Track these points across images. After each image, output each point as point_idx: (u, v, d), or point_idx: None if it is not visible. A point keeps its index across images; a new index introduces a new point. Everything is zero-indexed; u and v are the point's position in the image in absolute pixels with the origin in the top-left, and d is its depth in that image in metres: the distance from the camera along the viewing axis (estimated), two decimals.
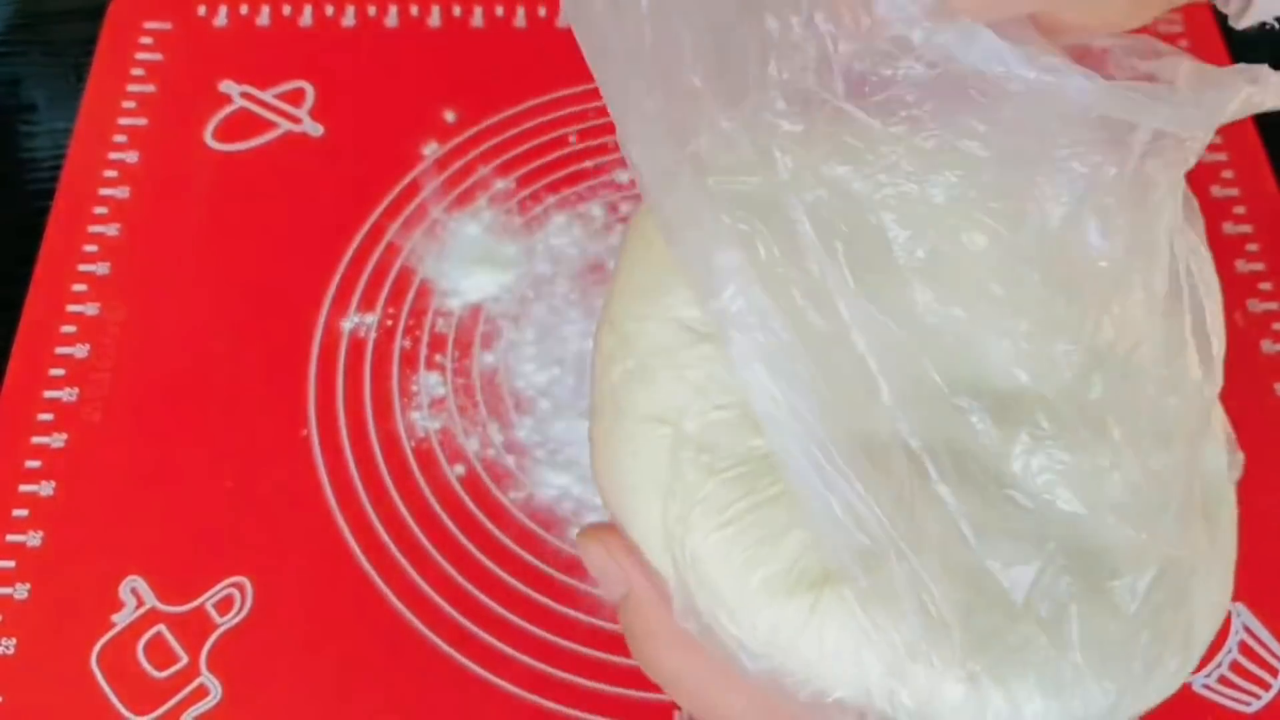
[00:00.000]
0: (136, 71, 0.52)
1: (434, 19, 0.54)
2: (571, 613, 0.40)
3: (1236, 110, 0.21)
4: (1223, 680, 0.39)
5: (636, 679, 0.39)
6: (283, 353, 0.45)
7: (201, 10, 0.54)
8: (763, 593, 0.22)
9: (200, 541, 0.41)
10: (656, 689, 0.38)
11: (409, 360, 0.45)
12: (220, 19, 0.54)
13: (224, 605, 0.39)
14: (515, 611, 0.40)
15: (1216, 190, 0.50)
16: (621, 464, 0.24)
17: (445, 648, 0.39)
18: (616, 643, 0.39)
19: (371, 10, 0.54)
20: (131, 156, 0.49)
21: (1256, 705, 0.39)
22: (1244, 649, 0.39)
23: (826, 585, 0.21)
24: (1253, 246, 0.48)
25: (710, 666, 0.25)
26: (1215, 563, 0.25)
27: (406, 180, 0.49)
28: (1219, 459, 0.27)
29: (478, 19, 0.54)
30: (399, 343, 0.45)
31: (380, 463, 0.42)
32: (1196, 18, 0.55)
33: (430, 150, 0.50)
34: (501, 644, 0.39)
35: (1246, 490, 0.43)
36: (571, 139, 0.51)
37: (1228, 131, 0.51)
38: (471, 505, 0.42)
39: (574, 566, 0.41)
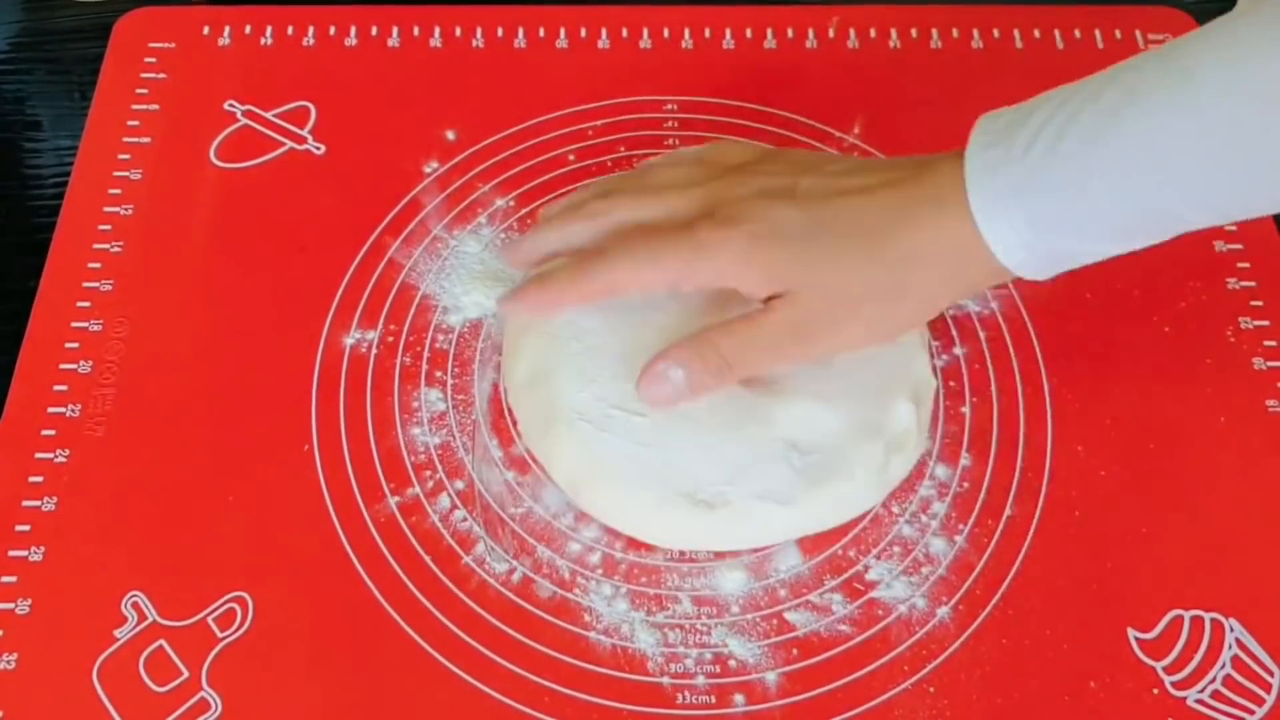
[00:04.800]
0: (141, 90, 0.52)
1: (435, 39, 0.55)
2: (570, 627, 0.40)
3: None
4: (1216, 695, 0.39)
5: (637, 694, 0.39)
6: (285, 368, 0.45)
7: (206, 30, 0.54)
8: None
9: (201, 556, 0.41)
10: (658, 704, 0.39)
11: (410, 376, 0.45)
12: (224, 39, 0.54)
13: (225, 620, 0.40)
14: (513, 625, 0.40)
15: None
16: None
17: (445, 662, 0.39)
18: (617, 657, 0.39)
19: (374, 30, 0.55)
20: (135, 174, 0.50)
21: None
22: (1237, 664, 0.40)
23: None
24: (1244, 264, 0.49)
25: None
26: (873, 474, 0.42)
27: (408, 198, 0.50)
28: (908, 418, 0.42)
29: (479, 39, 0.55)
30: (400, 359, 0.46)
31: (381, 478, 0.43)
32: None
33: (431, 168, 0.51)
34: (500, 658, 0.39)
35: (1239, 504, 0.43)
36: (570, 158, 0.51)
37: None
38: (471, 520, 0.42)
39: (573, 581, 0.41)
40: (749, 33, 0.55)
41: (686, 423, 0.40)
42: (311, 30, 0.55)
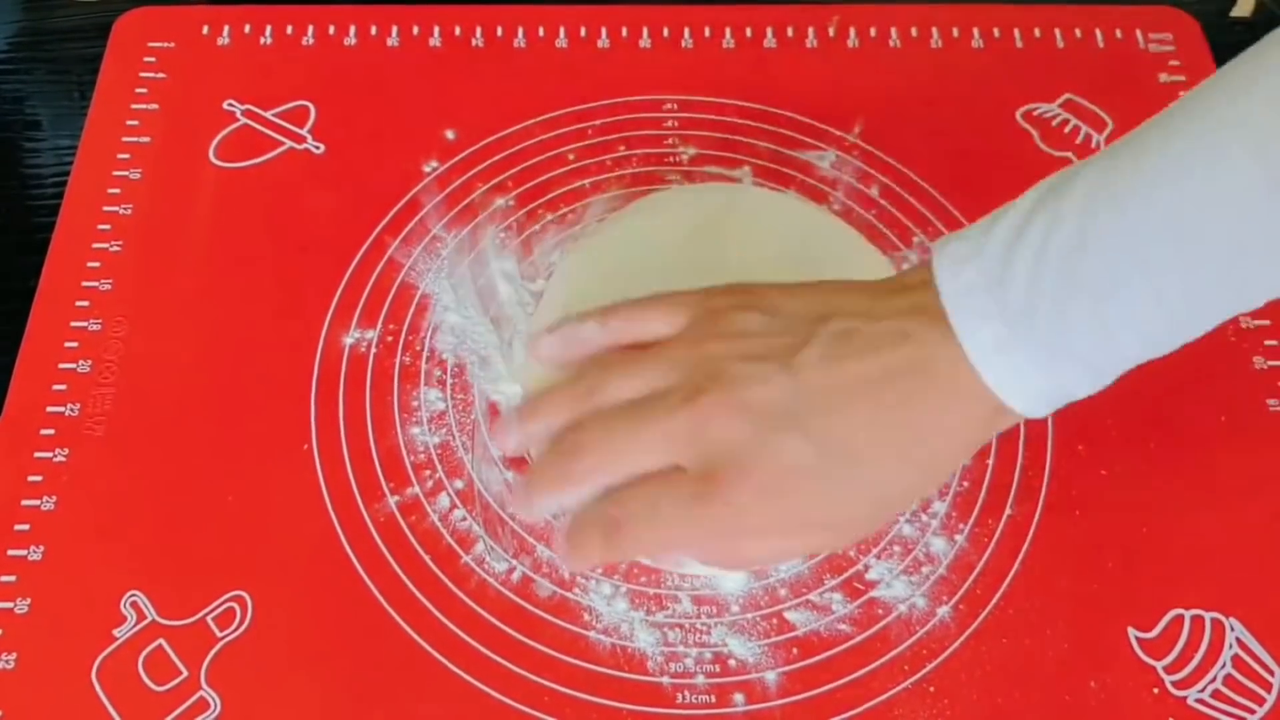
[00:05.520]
0: (140, 90, 0.52)
1: (435, 38, 0.55)
2: (569, 626, 0.40)
3: None
4: (1217, 695, 0.39)
5: (636, 693, 0.39)
6: (284, 368, 0.45)
7: (205, 29, 0.54)
8: None
9: (201, 556, 0.41)
10: (657, 703, 0.39)
11: (409, 375, 0.45)
12: (224, 38, 0.54)
13: (224, 619, 0.40)
14: (513, 625, 0.40)
15: None
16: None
17: (444, 661, 0.39)
18: (616, 657, 0.39)
19: (373, 29, 0.55)
20: (135, 174, 0.50)
21: None
22: (1237, 663, 0.40)
23: None
24: None
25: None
26: None
27: (407, 197, 0.50)
28: None
29: (478, 38, 0.55)
30: (399, 358, 0.46)
31: (381, 477, 0.43)
32: (1186, 35, 0.56)
33: (431, 168, 0.51)
34: (499, 657, 0.39)
35: (1239, 503, 0.43)
36: (570, 157, 0.51)
37: None
38: (471, 519, 0.42)
39: (572, 580, 0.41)
40: (749, 32, 0.55)
41: None
42: (311, 30, 0.55)
